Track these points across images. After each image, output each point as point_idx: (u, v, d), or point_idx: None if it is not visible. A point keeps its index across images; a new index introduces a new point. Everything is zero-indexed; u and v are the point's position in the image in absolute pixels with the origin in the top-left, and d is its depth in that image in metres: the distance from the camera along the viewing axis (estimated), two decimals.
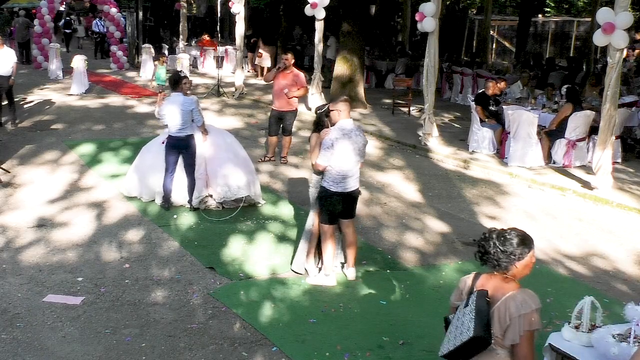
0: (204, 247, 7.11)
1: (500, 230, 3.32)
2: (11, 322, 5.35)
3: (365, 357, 5.04)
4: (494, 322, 3.16)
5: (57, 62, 20.06)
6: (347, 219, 6.28)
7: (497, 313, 3.16)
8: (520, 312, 3.10)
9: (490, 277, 3.32)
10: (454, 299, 3.50)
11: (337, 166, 6.02)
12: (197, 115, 7.96)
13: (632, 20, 8.91)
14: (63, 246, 6.98)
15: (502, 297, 3.18)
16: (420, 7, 11.68)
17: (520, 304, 3.12)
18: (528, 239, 3.28)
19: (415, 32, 23.83)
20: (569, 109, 10.71)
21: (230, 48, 23.21)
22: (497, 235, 3.27)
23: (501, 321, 3.14)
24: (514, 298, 3.15)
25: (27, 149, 11.06)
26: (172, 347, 5.08)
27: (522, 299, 3.13)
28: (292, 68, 10.46)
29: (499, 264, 3.24)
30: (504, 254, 3.22)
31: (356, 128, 6.15)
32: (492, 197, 9.42)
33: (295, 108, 10.64)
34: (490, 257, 3.25)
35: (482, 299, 3.19)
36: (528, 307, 3.11)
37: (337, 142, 5.96)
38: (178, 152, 8.00)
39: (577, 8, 32.06)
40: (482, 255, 3.29)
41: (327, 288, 6.22)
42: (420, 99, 13.15)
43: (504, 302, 3.16)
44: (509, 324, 3.12)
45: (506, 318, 3.13)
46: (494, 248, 3.24)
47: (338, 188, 6.08)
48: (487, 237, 3.29)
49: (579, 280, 6.72)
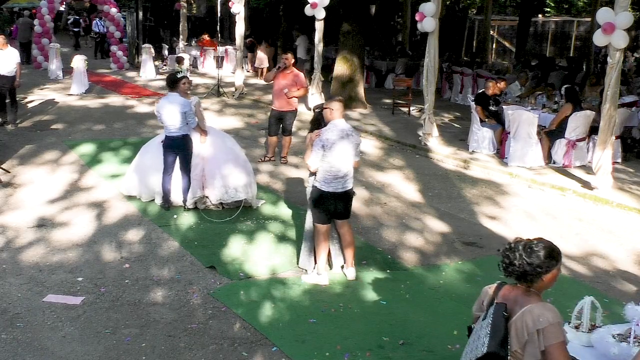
0: (204, 247, 7.11)
1: (526, 241, 3.18)
2: (11, 322, 5.35)
3: (365, 357, 5.04)
4: (512, 337, 3.06)
5: (57, 62, 20.07)
6: (341, 219, 6.27)
7: (514, 327, 3.06)
8: (537, 327, 3.00)
9: (513, 288, 3.20)
10: (475, 309, 3.39)
11: (328, 166, 6.01)
12: (190, 117, 7.94)
13: (632, 20, 8.91)
14: (63, 246, 6.98)
15: (519, 310, 3.07)
16: (420, 7, 11.68)
17: (537, 318, 3.01)
18: (556, 251, 3.16)
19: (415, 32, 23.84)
20: (569, 109, 10.71)
21: (230, 48, 23.22)
22: (523, 247, 3.13)
23: (519, 336, 3.05)
24: (531, 312, 3.04)
25: (27, 149, 11.06)
26: (172, 347, 5.08)
27: (539, 313, 3.02)
28: (292, 68, 10.46)
29: (524, 276, 3.12)
30: (530, 266, 3.09)
31: (349, 128, 6.12)
32: (492, 197, 9.43)
33: (295, 108, 10.64)
34: (516, 269, 3.12)
35: (499, 313, 3.09)
36: (545, 321, 3.00)
37: (328, 142, 5.96)
38: (174, 152, 8.01)
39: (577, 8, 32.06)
40: (507, 266, 3.16)
41: (327, 288, 6.22)
42: (420, 99, 13.16)
43: (520, 316, 3.05)
44: (527, 339, 3.02)
45: (524, 333, 3.03)
46: (519, 260, 3.10)
47: (329, 188, 6.07)
48: (513, 248, 3.16)
49: (579, 280, 6.72)
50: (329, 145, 5.96)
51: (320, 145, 5.97)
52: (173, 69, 18.84)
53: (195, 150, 8.14)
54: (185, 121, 7.91)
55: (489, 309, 3.17)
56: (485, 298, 3.30)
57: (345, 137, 6.01)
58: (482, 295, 3.36)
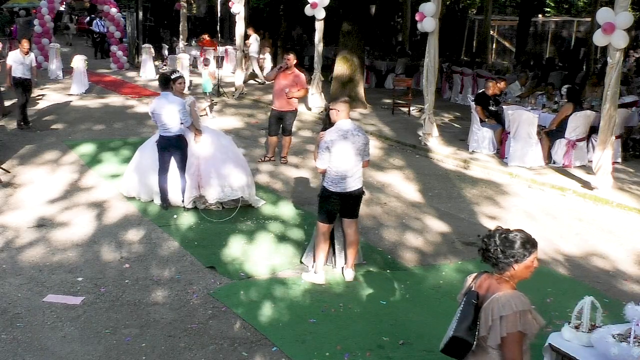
0: (204, 247, 7.11)
1: (504, 230, 3.30)
2: (11, 322, 5.35)
3: (365, 357, 5.04)
4: (481, 323, 3.15)
5: (57, 62, 20.07)
6: (349, 219, 6.28)
7: (484, 314, 3.15)
8: (502, 313, 3.07)
9: (488, 277, 3.31)
10: (458, 297, 3.49)
11: (334, 167, 6.02)
12: (184, 116, 7.94)
13: (632, 20, 8.91)
14: (63, 246, 6.98)
15: (489, 297, 3.18)
16: (420, 7, 11.68)
17: (502, 306, 3.09)
18: (531, 241, 3.25)
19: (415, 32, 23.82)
20: (569, 108, 10.71)
21: (230, 48, 23.21)
22: (499, 235, 3.26)
23: (486, 322, 3.13)
24: (498, 299, 3.13)
25: (27, 149, 11.06)
26: (172, 347, 5.08)
27: (505, 301, 3.10)
28: (293, 68, 10.47)
29: (497, 264, 3.24)
30: (503, 254, 3.21)
31: (355, 128, 6.13)
32: (492, 197, 9.42)
33: (295, 108, 10.64)
34: (490, 256, 3.25)
35: (470, 300, 3.21)
36: (510, 308, 3.07)
37: (333, 143, 5.97)
38: (169, 152, 8.02)
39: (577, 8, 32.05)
40: (484, 252, 3.29)
41: (327, 288, 6.22)
42: (420, 99, 13.15)
43: (489, 303, 3.15)
44: (491, 324, 3.11)
45: (488, 320, 3.12)
46: (494, 247, 3.23)
47: (337, 188, 6.08)
48: (491, 235, 3.29)
49: (579, 280, 6.72)
50: (333, 145, 5.97)
51: (325, 147, 5.99)
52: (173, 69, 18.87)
53: (190, 150, 8.14)
54: (179, 120, 7.91)
55: (464, 296, 3.29)
56: (465, 286, 3.41)
57: (349, 138, 6.01)
58: (465, 283, 3.46)
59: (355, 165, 6.09)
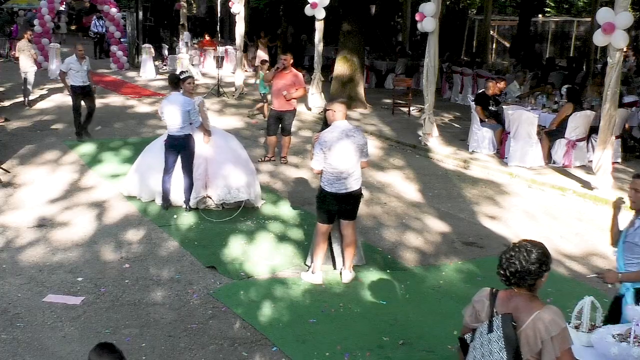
0: (204, 247, 7.11)
1: (521, 245, 3.13)
2: (11, 322, 5.35)
3: (365, 357, 5.04)
4: (523, 345, 3.01)
5: (57, 62, 20.03)
6: (346, 220, 6.26)
7: (525, 336, 3.02)
8: (551, 334, 2.98)
9: (509, 294, 3.15)
10: (470, 320, 3.26)
11: (330, 167, 6.02)
12: (194, 116, 7.95)
13: (632, 20, 8.91)
14: (63, 246, 6.98)
15: (527, 319, 3.03)
16: (420, 7, 11.68)
17: (549, 325, 2.99)
18: (547, 253, 3.15)
19: (415, 32, 23.81)
20: (569, 108, 10.71)
21: (230, 48, 23.20)
22: (525, 251, 3.09)
23: (531, 344, 3.01)
24: (541, 319, 3.00)
25: (27, 149, 11.06)
26: (172, 347, 5.08)
27: (550, 319, 3.00)
28: (291, 68, 10.47)
29: (525, 281, 3.08)
30: (534, 271, 3.06)
31: (352, 128, 6.11)
32: (492, 197, 9.43)
33: (293, 108, 10.64)
34: (518, 274, 3.07)
35: (509, 324, 3.02)
36: (558, 327, 2.99)
37: (328, 143, 5.97)
38: (177, 151, 8.01)
39: (577, 8, 32.06)
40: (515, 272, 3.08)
41: (327, 288, 6.22)
42: (420, 99, 13.16)
43: (532, 324, 3.01)
44: (541, 347, 3.00)
45: (537, 342, 2.99)
46: (524, 264, 3.06)
47: (332, 188, 6.07)
48: (515, 253, 3.10)
49: (579, 280, 6.72)
50: (328, 146, 5.96)
51: (320, 148, 5.99)
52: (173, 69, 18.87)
53: (198, 151, 8.14)
54: (189, 120, 7.91)
55: (492, 320, 3.09)
56: (482, 309, 3.19)
57: (345, 138, 5.99)
58: (476, 306, 3.23)
59: (351, 166, 6.06)
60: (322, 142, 5.99)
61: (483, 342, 3.10)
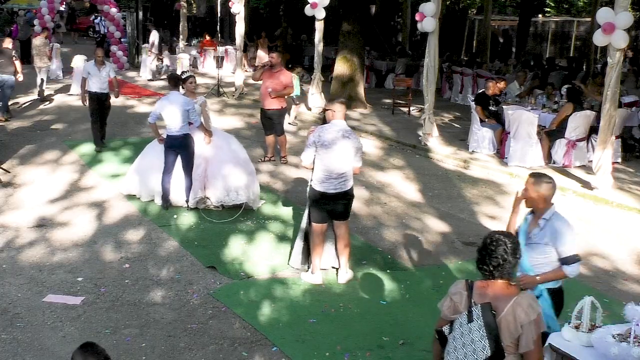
0: (204, 247, 7.12)
1: (496, 239, 3.24)
2: (11, 322, 5.35)
3: (365, 357, 5.04)
4: (503, 332, 3.11)
5: (57, 62, 20.04)
6: (337, 220, 6.24)
7: (505, 322, 3.11)
8: (530, 318, 3.09)
9: (486, 284, 3.25)
10: (449, 312, 3.32)
11: (322, 166, 6.01)
12: (193, 116, 7.95)
13: (632, 20, 8.90)
14: (63, 246, 6.98)
15: (506, 306, 3.12)
16: (420, 7, 11.68)
17: (527, 310, 3.09)
18: (518, 242, 3.36)
19: (415, 32, 23.82)
20: (569, 108, 10.71)
21: (230, 48, 23.21)
22: (507, 240, 3.22)
23: (511, 330, 3.10)
24: (520, 304, 3.11)
25: (27, 149, 11.06)
26: (172, 347, 5.08)
27: (527, 304, 3.11)
28: (279, 67, 10.43)
29: (504, 269, 3.20)
30: (513, 260, 3.20)
31: (347, 131, 6.06)
32: (492, 197, 9.43)
33: (280, 107, 10.52)
34: (498, 263, 3.19)
35: (489, 313, 3.12)
36: (535, 311, 3.10)
37: (321, 140, 5.95)
38: (176, 151, 8.01)
39: (577, 8, 32.05)
40: (497, 265, 3.20)
41: (327, 288, 6.22)
42: (420, 99, 13.15)
43: (511, 311, 3.11)
44: (521, 332, 3.09)
45: (517, 327, 3.09)
46: (503, 254, 3.19)
47: (321, 187, 6.06)
48: (497, 246, 3.21)
49: (579, 280, 6.71)
50: (322, 144, 5.94)
51: (312, 142, 5.98)
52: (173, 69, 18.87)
53: (198, 151, 8.13)
54: (187, 120, 7.90)
55: (471, 311, 3.16)
56: (459, 301, 3.27)
57: (342, 139, 5.96)
58: (454, 297, 3.31)
59: (341, 167, 6.02)
60: (317, 137, 5.98)
61: (463, 332, 3.17)
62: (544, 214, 4.30)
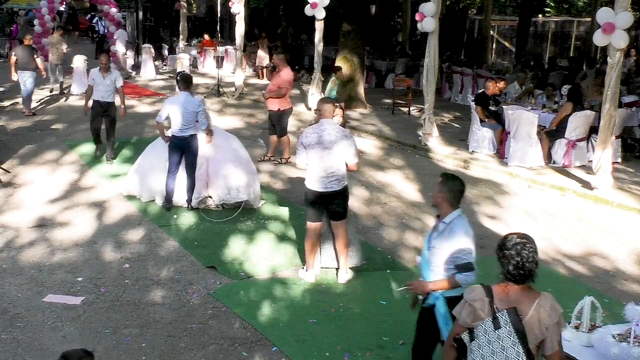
0: (204, 247, 7.12)
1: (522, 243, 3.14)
2: (11, 322, 5.35)
3: (365, 357, 5.04)
4: (529, 335, 3.05)
5: None
6: (334, 220, 6.23)
7: (530, 326, 3.05)
8: (554, 319, 3.06)
9: (505, 288, 3.15)
10: (470, 320, 3.19)
11: (311, 165, 6.04)
12: (202, 118, 7.95)
13: (632, 20, 8.90)
14: (63, 246, 6.98)
15: (529, 309, 3.06)
16: (420, 7, 11.68)
17: (550, 311, 3.06)
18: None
19: (415, 32, 23.81)
20: (569, 108, 10.70)
21: (230, 48, 23.21)
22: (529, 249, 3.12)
23: (536, 333, 3.05)
24: (543, 307, 3.07)
25: (27, 149, 11.06)
26: (172, 347, 5.08)
27: (550, 306, 3.07)
28: (280, 68, 10.55)
29: (532, 274, 3.12)
30: (537, 265, 3.13)
31: (334, 129, 6.03)
32: (492, 197, 9.42)
33: (278, 109, 10.57)
34: (531, 273, 3.10)
35: (517, 318, 3.04)
36: (557, 312, 3.07)
37: (307, 140, 5.98)
38: (181, 151, 7.99)
39: (577, 8, 32.05)
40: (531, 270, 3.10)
41: (327, 288, 6.23)
42: (420, 99, 13.15)
43: (535, 314, 3.06)
44: (547, 334, 3.05)
45: (542, 329, 3.05)
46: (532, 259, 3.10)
47: (313, 186, 6.08)
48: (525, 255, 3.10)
49: (579, 280, 6.72)
50: (308, 144, 5.98)
51: (300, 143, 6.02)
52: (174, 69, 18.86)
53: (199, 151, 8.13)
54: (194, 121, 7.90)
55: (496, 317, 3.07)
56: (481, 307, 3.15)
57: (328, 138, 5.95)
58: (474, 304, 3.17)
59: (330, 166, 6.00)
60: (303, 138, 6.04)
61: (491, 339, 3.09)
62: (444, 217, 4.12)
